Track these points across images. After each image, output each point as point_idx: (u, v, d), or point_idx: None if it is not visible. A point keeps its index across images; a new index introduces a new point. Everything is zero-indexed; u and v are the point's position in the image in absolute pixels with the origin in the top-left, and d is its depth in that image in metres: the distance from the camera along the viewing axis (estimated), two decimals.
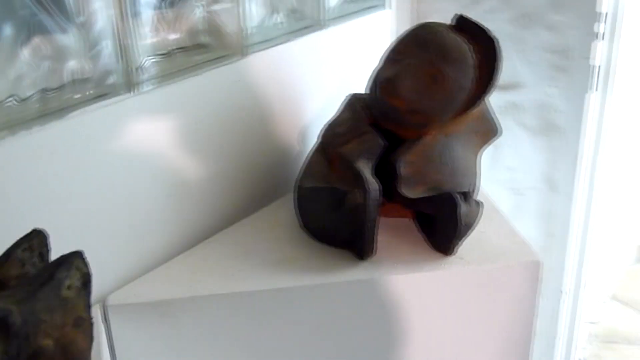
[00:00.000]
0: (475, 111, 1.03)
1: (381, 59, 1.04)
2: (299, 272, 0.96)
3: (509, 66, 1.41)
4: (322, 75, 1.27)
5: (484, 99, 1.00)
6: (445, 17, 1.45)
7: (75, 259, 0.56)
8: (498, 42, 0.99)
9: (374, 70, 1.06)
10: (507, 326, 1.01)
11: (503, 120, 1.48)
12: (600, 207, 1.49)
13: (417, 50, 0.99)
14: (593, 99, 1.36)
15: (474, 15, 1.33)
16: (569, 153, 1.40)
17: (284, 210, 1.13)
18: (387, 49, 1.04)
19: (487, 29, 0.99)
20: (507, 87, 1.43)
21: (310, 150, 1.10)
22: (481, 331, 1.01)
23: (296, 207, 1.08)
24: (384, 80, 1.00)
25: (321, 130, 1.10)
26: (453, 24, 1.03)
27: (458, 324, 1.00)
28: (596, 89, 1.35)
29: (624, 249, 2.54)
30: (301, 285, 0.94)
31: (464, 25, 1.02)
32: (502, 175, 1.51)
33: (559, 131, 1.41)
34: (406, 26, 1.46)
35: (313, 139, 1.16)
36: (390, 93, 0.99)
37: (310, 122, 1.25)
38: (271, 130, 1.16)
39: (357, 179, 0.97)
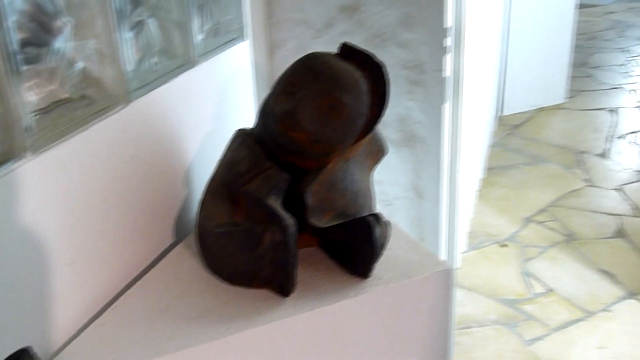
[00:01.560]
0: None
1: (271, 92, 1.03)
2: (225, 322, 0.92)
3: None
4: (200, 113, 1.22)
5: (379, 122, 1.03)
6: (300, 43, 1.47)
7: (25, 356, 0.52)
8: (385, 67, 1.02)
9: (264, 105, 1.04)
10: (429, 331, 1.05)
11: None
12: (461, 207, 1.60)
13: (311, 81, 0.99)
14: (447, 108, 1.46)
15: (329, 38, 1.37)
16: (432, 161, 1.49)
17: (186, 258, 1.07)
18: (277, 82, 1.03)
19: (373, 54, 1.02)
20: None
21: (205, 193, 1.06)
22: (406, 341, 1.04)
23: (203, 253, 1.03)
24: (282, 114, 0.99)
25: (215, 171, 1.06)
26: (339, 52, 1.05)
27: (386, 339, 1.02)
28: (449, 99, 1.46)
29: (460, 237, 2.76)
30: (232, 334, 0.90)
31: (349, 53, 1.04)
32: None
33: (421, 141, 1.49)
34: (263, 55, 1.47)
35: (201, 179, 1.11)
36: (291, 126, 0.98)
37: (195, 161, 1.20)
38: (160, 176, 1.10)
39: (272, 217, 0.95)
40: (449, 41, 1.41)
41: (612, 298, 2.49)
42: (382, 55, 1.46)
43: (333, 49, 1.04)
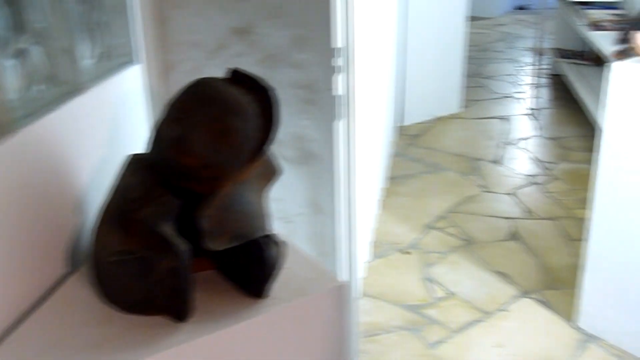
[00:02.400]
0: None
1: (162, 118, 1.03)
2: (122, 351, 0.91)
3: None
4: (92, 139, 1.21)
5: (269, 146, 1.06)
6: (195, 64, 1.48)
7: None
8: (273, 91, 1.05)
9: (154, 131, 1.05)
10: (328, 346, 1.08)
11: None
12: (360, 220, 1.65)
13: (200, 106, 1.00)
14: (340, 125, 1.51)
15: (223, 60, 1.39)
16: (328, 177, 1.53)
17: (81, 288, 1.06)
18: (167, 108, 1.03)
19: (261, 79, 1.05)
20: None
21: (98, 221, 1.04)
22: (306, 358, 1.06)
23: (98, 283, 1.02)
24: (172, 140, 0.99)
25: (108, 198, 1.05)
26: (227, 77, 1.07)
27: (285, 357, 1.04)
28: (342, 117, 1.51)
29: (363, 247, 2.83)
30: None
31: (238, 78, 1.06)
32: (271, 208, 1.58)
33: (316, 158, 1.53)
34: (159, 78, 1.46)
35: (95, 207, 1.10)
36: (181, 152, 0.99)
37: (88, 189, 1.18)
38: (52, 206, 1.07)
39: (165, 243, 0.96)
40: (339, 61, 1.46)
41: (507, 298, 2.63)
42: (276, 75, 1.49)
43: (231, 68, 1.05)
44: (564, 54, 5.14)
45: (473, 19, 7.45)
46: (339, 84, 1.49)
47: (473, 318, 2.51)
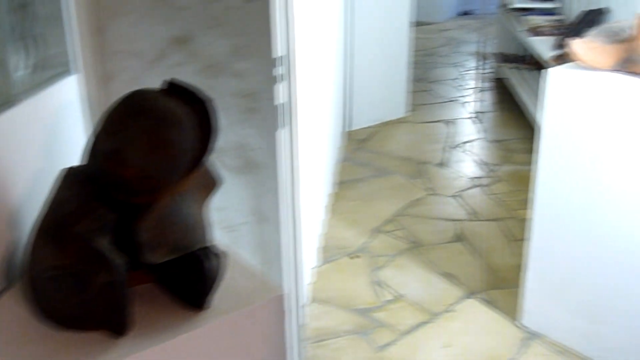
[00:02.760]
0: None
1: (97, 130, 1.02)
2: None
3: None
4: (27, 151, 1.18)
5: (207, 157, 1.05)
6: (133, 74, 1.47)
7: None
8: (211, 102, 1.05)
9: (89, 144, 1.03)
10: (269, 355, 1.08)
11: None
12: (305, 227, 1.66)
13: (136, 118, 1.00)
14: (283, 134, 1.52)
15: (163, 69, 1.38)
16: (272, 185, 1.54)
17: (15, 305, 1.03)
18: (102, 120, 1.02)
19: (198, 90, 1.05)
20: None
21: (32, 235, 1.02)
22: None
23: (33, 299, 1.00)
24: (108, 153, 0.98)
25: (42, 213, 1.03)
26: (164, 88, 1.06)
27: None
28: (284, 125, 1.52)
29: (311, 253, 2.84)
30: None
31: (175, 89, 1.06)
32: (214, 217, 1.57)
33: (259, 167, 1.54)
34: (97, 88, 1.44)
35: (29, 222, 1.08)
36: (118, 164, 0.98)
37: (23, 203, 1.15)
38: None
39: (101, 258, 0.95)
40: (280, 70, 1.47)
41: (454, 299, 2.68)
42: (217, 85, 1.49)
43: (167, 79, 1.05)
44: (506, 58, 5.27)
45: (418, 24, 7.57)
46: (281, 93, 1.49)
47: (421, 320, 2.55)
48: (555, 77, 2.24)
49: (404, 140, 4.36)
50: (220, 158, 1.54)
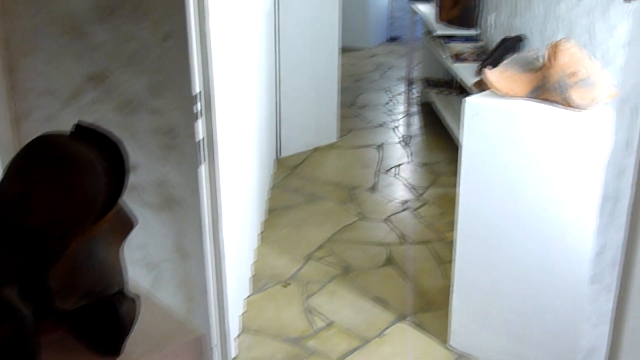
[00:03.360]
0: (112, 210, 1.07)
1: (3, 177, 1.00)
2: None
3: None
4: None
5: (119, 199, 1.04)
6: (48, 113, 1.44)
7: None
8: (122, 144, 1.04)
9: None
10: None
11: (127, 202, 1.53)
12: (227, 262, 1.66)
13: (43, 164, 0.98)
14: (203, 169, 1.52)
15: (78, 107, 1.36)
16: (193, 221, 1.53)
17: None
18: (8, 166, 1.00)
19: (109, 132, 1.04)
20: None
21: None
22: None
23: None
24: (15, 200, 0.96)
25: None
26: (72, 132, 1.05)
27: None
28: (204, 161, 1.52)
29: (242, 283, 2.82)
30: None
31: (84, 133, 1.04)
32: (135, 255, 1.56)
33: (180, 203, 1.53)
34: (10, 127, 1.41)
35: None
36: (24, 211, 0.96)
37: None
38: None
39: (7, 308, 0.92)
40: (198, 106, 1.47)
41: (385, 323, 2.71)
42: (134, 122, 1.48)
43: (82, 117, 1.04)
44: (432, 83, 5.42)
45: (348, 50, 7.70)
46: (200, 129, 1.50)
47: (353, 346, 2.57)
48: (471, 105, 2.32)
49: (335, 166, 4.41)
50: (139, 195, 1.53)
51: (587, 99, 2.21)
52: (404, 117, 5.44)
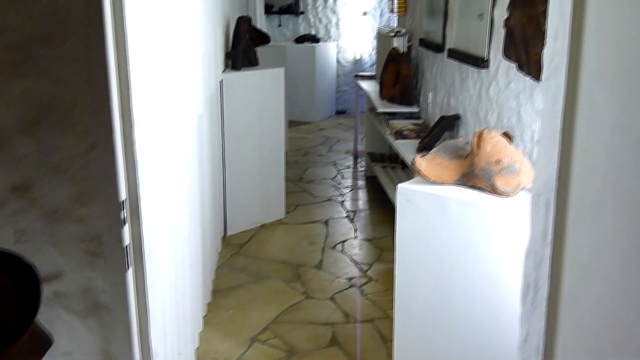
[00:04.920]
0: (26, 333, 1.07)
1: None
2: None
3: (48, 259, 1.48)
4: None
5: (34, 322, 1.05)
6: None
7: None
8: (35, 267, 1.06)
9: None
10: None
11: (52, 310, 1.53)
12: None
13: None
14: (130, 275, 1.53)
15: (2, 218, 1.37)
16: (121, 326, 1.53)
17: None
18: None
19: (21, 255, 1.05)
20: (49, 279, 1.49)
21: None
22: None
23: None
24: None
25: None
26: None
27: None
28: (131, 266, 1.53)
29: None
30: None
31: None
32: None
33: (107, 309, 1.53)
34: None
35: None
36: None
37: None
38: None
39: None
40: (125, 212, 1.49)
41: None
42: (59, 231, 1.49)
43: (6, 229, 1.05)
44: (376, 157, 5.56)
45: (296, 123, 7.86)
46: (126, 235, 1.51)
47: None
48: (403, 192, 2.40)
49: (281, 243, 4.43)
50: (65, 303, 1.53)
51: (511, 185, 2.31)
52: (351, 191, 5.53)
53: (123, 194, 1.49)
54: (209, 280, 3.63)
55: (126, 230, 1.51)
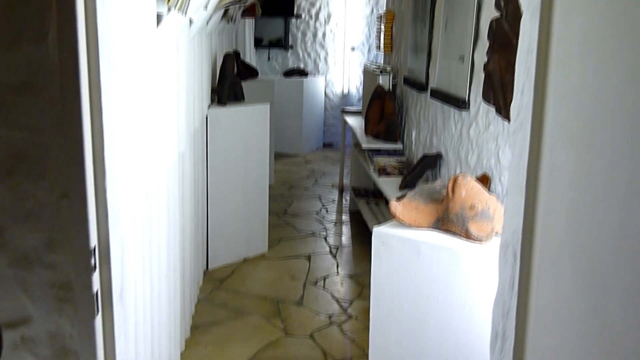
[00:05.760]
0: None
1: None
2: None
3: (17, 305, 1.49)
4: None
5: None
6: None
7: None
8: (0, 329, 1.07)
9: None
10: None
11: (19, 355, 1.53)
12: None
13: None
14: (99, 321, 1.54)
15: None
16: None
17: None
18: None
19: None
20: (18, 324, 1.50)
21: None
22: None
23: None
24: None
25: None
26: None
27: None
28: (100, 312, 1.54)
29: None
30: None
31: None
32: None
33: (75, 355, 1.53)
34: None
35: None
36: None
37: None
38: None
39: None
40: (95, 258, 1.51)
41: None
42: (29, 276, 1.50)
43: None
44: (360, 192, 5.59)
45: (283, 156, 7.91)
46: (96, 281, 1.53)
47: None
48: (378, 235, 2.43)
49: (263, 278, 4.43)
50: (32, 348, 1.53)
51: (485, 231, 2.35)
52: (335, 225, 5.55)
53: (93, 241, 1.51)
54: (188, 316, 3.62)
55: (96, 277, 1.52)
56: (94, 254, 1.52)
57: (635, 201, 0.95)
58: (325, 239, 5.21)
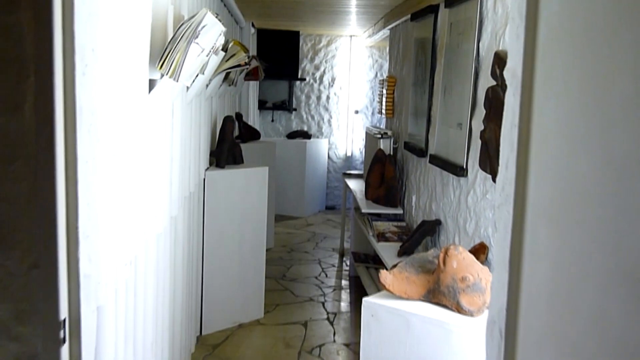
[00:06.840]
0: None
1: None
2: None
3: None
4: None
5: None
6: None
7: None
8: None
9: None
10: None
11: None
12: None
13: None
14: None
15: None
16: None
17: None
18: None
19: None
20: None
21: None
22: None
23: None
24: None
25: None
26: None
27: None
28: None
29: None
30: None
31: None
32: None
33: None
34: None
35: None
36: None
37: None
38: None
39: None
40: (65, 331, 1.46)
41: None
42: None
43: None
44: (360, 257, 5.52)
45: (284, 218, 7.87)
46: (65, 354, 1.48)
47: None
48: (368, 306, 2.36)
49: (257, 345, 4.32)
50: None
51: (476, 304, 2.28)
52: (334, 291, 5.45)
53: (64, 313, 1.46)
54: None
55: (65, 350, 1.47)
56: (64, 326, 1.47)
57: (611, 289, 0.90)
58: (324, 304, 5.11)
